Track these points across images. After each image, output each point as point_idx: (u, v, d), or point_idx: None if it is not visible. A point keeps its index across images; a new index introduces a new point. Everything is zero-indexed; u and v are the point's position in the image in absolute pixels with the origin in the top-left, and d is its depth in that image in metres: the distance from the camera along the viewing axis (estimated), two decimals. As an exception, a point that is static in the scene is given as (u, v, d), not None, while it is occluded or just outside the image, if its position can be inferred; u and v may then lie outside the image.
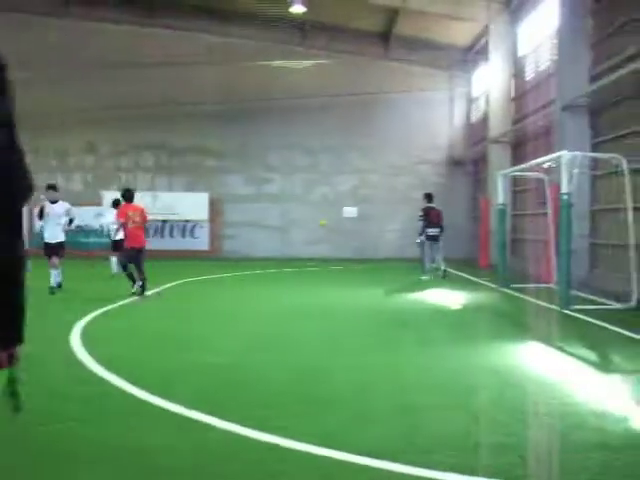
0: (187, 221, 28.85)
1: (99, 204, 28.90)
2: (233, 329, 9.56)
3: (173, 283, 16.28)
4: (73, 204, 28.29)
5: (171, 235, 29.14)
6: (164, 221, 28.94)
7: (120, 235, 18.53)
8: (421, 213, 18.15)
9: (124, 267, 13.74)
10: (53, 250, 13.98)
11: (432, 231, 17.81)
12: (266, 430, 4.60)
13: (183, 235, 28.96)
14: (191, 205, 28.55)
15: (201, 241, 29.02)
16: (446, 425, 4.80)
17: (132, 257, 13.57)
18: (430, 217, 17.90)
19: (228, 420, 4.82)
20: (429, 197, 18.44)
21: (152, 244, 27.90)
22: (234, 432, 4.62)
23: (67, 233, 14.84)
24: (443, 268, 17.82)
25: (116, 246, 18.38)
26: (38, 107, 28.78)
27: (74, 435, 4.61)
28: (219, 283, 17.41)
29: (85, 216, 28.89)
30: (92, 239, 29.22)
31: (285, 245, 28.80)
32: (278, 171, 29.00)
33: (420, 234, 18.02)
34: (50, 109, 28.71)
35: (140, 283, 13.41)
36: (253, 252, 28.12)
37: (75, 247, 28.83)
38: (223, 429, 4.69)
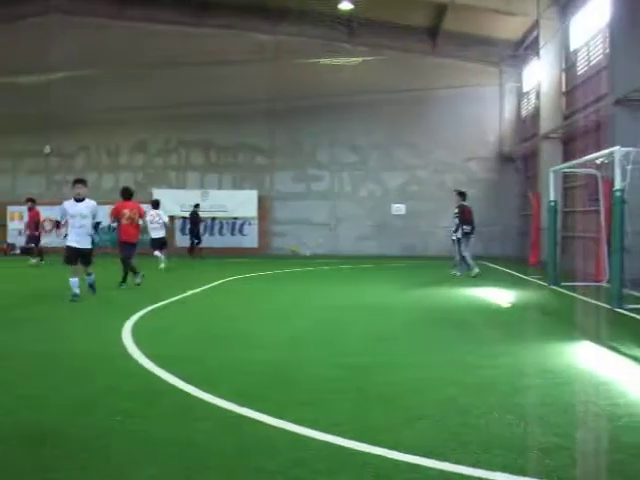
0: (236, 218, 29.03)
1: (149, 202, 29.27)
2: (282, 326, 9.61)
3: (222, 280, 16.40)
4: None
5: (220, 232, 29.36)
6: (213, 219, 29.21)
7: (161, 233, 20.42)
8: (456, 210, 18.29)
9: (126, 261, 14.57)
10: (79, 255, 12.19)
11: (466, 228, 18.01)
12: (316, 427, 4.61)
13: (232, 232, 29.13)
14: (240, 202, 28.73)
15: (250, 238, 29.19)
16: (496, 425, 4.76)
17: (126, 250, 14.66)
18: (464, 214, 18.04)
19: (278, 417, 4.85)
20: (463, 195, 18.64)
21: (202, 242, 28.38)
22: (284, 429, 4.64)
23: (93, 239, 12.55)
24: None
25: (155, 243, 20.18)
26: (89, 106, 29.32)
27: (122, 430, 4.67)
28: (267, 280, 17.50)
29: (135, 214, 29.27)
30: (142, 237, 29.51)
31: (333, 242, 28.82)
32: (327, 168, 29.04)
33: (455, 231, 18.25)
34: (101, 108, 29.17)
35: (140, 275, 14.74)
36: (303, 249, 28.24)
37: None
38: (273, 426, 4.71)
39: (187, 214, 28.87)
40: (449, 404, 5.29)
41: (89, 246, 12.44)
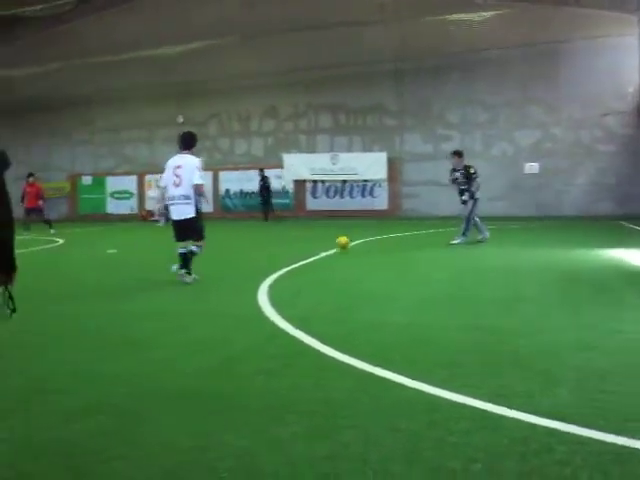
0: (366, 181, 29.11)
1: (280, 167, 29.87)
2: (413, 287, 9.63)
3: (352, 243, 16.51)
4: (255, 167, 30.30)
5: (351, 195, 29.57)
6: (344, 181, 29.45)
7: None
8: (463, 171, 15.95)
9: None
10: None
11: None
12: (452, 389, 4.65)
13: (363, 195, 29.27)
14: (370, 165, 28.76)
15: (380, 200, 29.24)
16: (638, 391, 4.63)
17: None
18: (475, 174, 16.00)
19: (412, 378, 4.91)
20: (461, 154, 16.36)
21: (332, 204, 28.79)
22: (418, 390, 4.70)
23: None
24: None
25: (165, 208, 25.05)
26: (219, 74, 30.07)
27: (264, 389, 4.87)
28: (397, 242, 17.51)
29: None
30: (273, 200, 30.19)
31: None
32: (457, 128, 28.53)
33: (464, 192, 15.93)
34: (231, 75, 29.86)
35: None
36: (433, 211, 27.96)
37: (258, 209, 29.99)
38: (407, 386, 4.78)
39: (315, 177, 29.47)
40: (587, 369, 5.18)
41: None
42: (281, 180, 30.33)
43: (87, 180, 35.23)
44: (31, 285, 10.61)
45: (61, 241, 19.93)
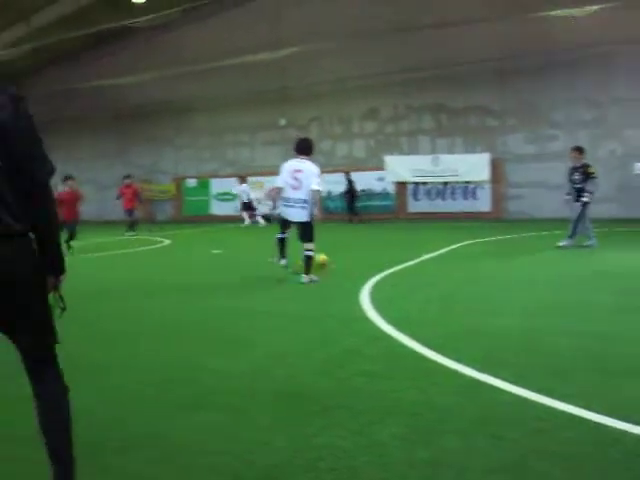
0: (468, 183, 28.72)
1: (381, 169, 29.83)
2: (518, 292, 9.37)
3: (457, 244, 16.34)
4: (356, 169, 30.47)
5: (452, 197, 29.25)
6: (445, 183, 29.14)
7: (244, 199, 29.10)
8: (582, 170, 15.68)
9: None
10: None
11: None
12: (557, 397, 4.50)
13: (464, 197, 28.91)
14: (472, 166, 28.32)
15: (483, 202, 28.76)
16: None
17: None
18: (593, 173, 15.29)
19: (517, 385, 4.80)
20: (582, 150, 16.15)
21: (434, 206, 28.57)
22: (523, 397, 4.58)
23: None
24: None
25: (245, 207, 29.14)
26: (319, 78, 30.30)
27: (367, 390, 4.86)
28: (502, 245, 17.12)
29: (368, 180, 29.99)
30: (375, 202, 30.18)
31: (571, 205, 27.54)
32: (562, 128, 27.65)
33: (582, 193, 15.36)
34: (331, 79, 30.06)
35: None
36: (539, 213, 27.17)
37: (360, 210, 30.05)
38: (512, 393, 4.67)
39: (417, 179, 29.32)
40: None
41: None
42: (382, 182, 30.30)
43: (191, 182, 36.09)
44: (139, 281, 11.03)
45: (167, 242, 20.49)
